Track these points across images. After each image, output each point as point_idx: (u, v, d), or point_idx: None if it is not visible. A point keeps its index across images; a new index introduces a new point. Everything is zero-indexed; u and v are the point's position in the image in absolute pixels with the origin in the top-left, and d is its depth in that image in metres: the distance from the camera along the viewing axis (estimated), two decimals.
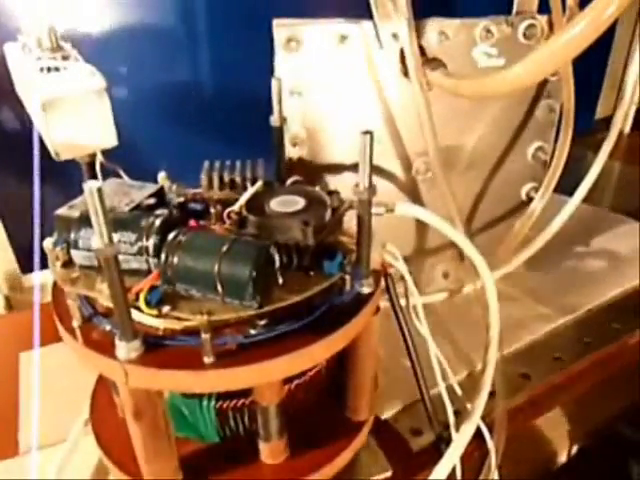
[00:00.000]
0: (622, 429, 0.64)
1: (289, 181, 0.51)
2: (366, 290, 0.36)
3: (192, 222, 0.38)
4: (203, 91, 0.63)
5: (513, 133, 0.55)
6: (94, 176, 0.43)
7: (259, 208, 0.35)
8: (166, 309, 0.31)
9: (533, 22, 0.50)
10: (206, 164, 0.48)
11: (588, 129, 1.03)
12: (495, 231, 0.59)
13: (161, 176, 0.50)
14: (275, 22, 0.45)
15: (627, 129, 1.10)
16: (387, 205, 0.45)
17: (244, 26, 0.54)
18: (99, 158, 0.42)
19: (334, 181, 0.52)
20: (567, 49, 0.35)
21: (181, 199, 0.39)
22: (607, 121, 0.57)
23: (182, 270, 0.30)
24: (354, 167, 0.51)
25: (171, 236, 0.31)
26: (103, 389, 0.44)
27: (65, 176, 0.48)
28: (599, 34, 0.33)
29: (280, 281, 0.32)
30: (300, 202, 0.35)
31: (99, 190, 0.26)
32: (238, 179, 0.46)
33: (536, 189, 0.58)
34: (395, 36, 0.47)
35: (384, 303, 0.40)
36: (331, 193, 0.36)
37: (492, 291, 0.47)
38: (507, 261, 0.59)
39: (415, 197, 0.55)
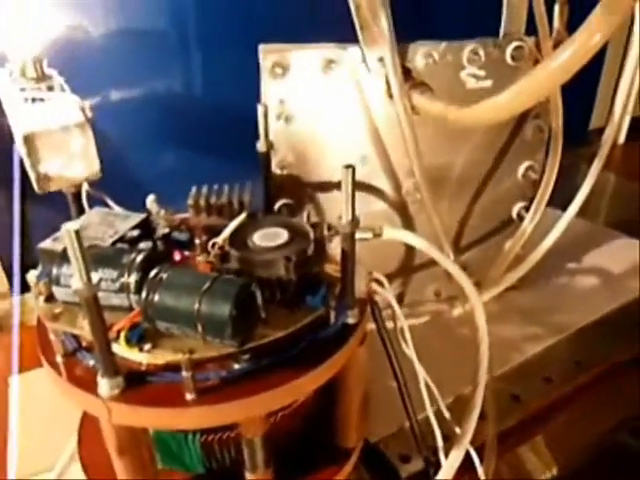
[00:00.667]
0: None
1: (278, 204, 0.51)
2: (352, 321, 0.36)
3: (177, 253, 0.38)
4: (195, 110, 0.63)
5: (503, 153, 0.55)
6: (80, 206, 0.43)
7: (242, 241, 0.35)
8: (147, 347, 0.31)
9: (521, 44, 0.50)
10: (193, 189, 0.48)
11: (582, 140, 1.02)
12: (487, 250, 0.59)
13: (150, 200, 0.50)
14: (261, 47, 0.45)
15: (621, 139, 1.10)
16: (374, 229, 0.45)
17: (235, 46, 0.54)
18: (85, 188, 0.42)
19: (323, 201, 0.52)
20: (554, 77, 0.35)
21: (165, 230, 0.39)
22: (602, 132, 0.57)
23: (162, 308, 0.30)
24: (338, 183, 0.52)
25: (152, 273, 0.31)
26: (91, 417, 0.44)
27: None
28: (586, 61, 0.33)
29: (263, 316, 0.32)
30: (283, 235, 0.35)
31: (77, 232, 0.26)
32: (226, 204, 0.46)
33: (527, 208, 0.57)
34: (382, 60, 0.47)
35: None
36: (314, 225, 0.36)
37: (481, 315, 0.46)
38: (498, 281, 0.59)
39: (406, 218, 0.55)
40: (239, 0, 0.60)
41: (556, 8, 0.50)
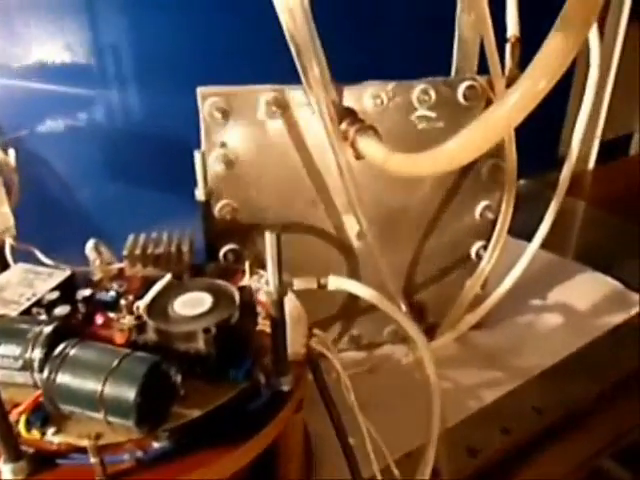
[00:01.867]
0: None
1: (223, 250, 0.49)
2: (285, 388, 0.34)
3: (99, 317, 0.35)
4: (139, 150, 0.60)
5: (459, 192, 0.53)
6: (4, 261, 0.40)
7: (163, 309, 0.32)
8: (51, 431, 0.29)
9: (473, 83, 0.48)
10: (130, 238, 0.46)
11: (551, 165, 1.01)
12: (445, 291, 0.57)
13: (89, 247, 0.48)
14: (199, 90, 0.43)
15: (591, 165, 1.09)
16: (319, 279, 0.43)
17: (175, 86, 0.52)
18: (9, 242, 0.40)
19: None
20: (499, 126, 0.34)
21: (87, 293, 0.36)
22: None
23: (65, 390, 0.27)
24: (287, 225, 0.50)
25: (58, 350, 0.28)
26: None
27: None
28: (534, 106, 0.32)
29: (182, 393, 0.30)
30: (207, 301, 0.32)
31: None
32: (163, 254, 0.44)
33: (485, 247, 0.56)
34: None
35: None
36: (242, 288, 0.34)
37: (431, 367, 0.44)
38: (457, 322, 0.57)
39: (357, 261, 0.53)
40: (181, 40, 0.58)
41: (508, 46, 0.49)
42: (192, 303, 0.32)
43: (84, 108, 0.58)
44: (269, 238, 0.30)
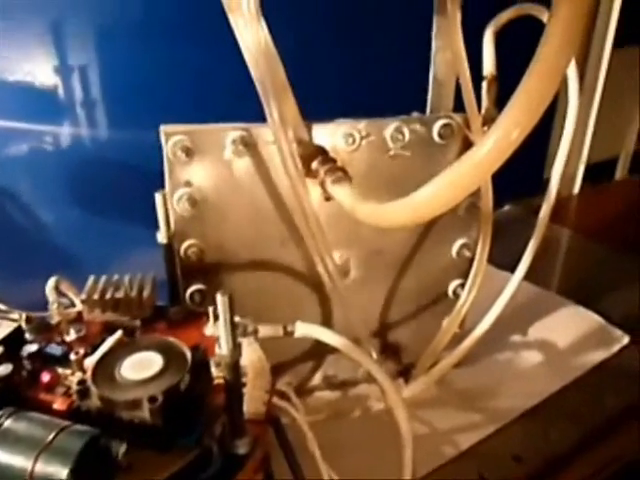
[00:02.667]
0: None
1: (189, 290, 0.47)
2: (242, 451, 0.32)
3: (45, 374, 0.33)
4: (106, 182, 0.59)
5: (436, 230, 0.52)
6: None
7: (109, 371, 0.30)
8: None
9: (448, 122, 0.47)
10: (90, 281, 0.44)
11: (536, 190, 1.00)
12: (422, 330, 0.56)
13: (49, 287, 0.46)
14: (163, 129, 0.42)
15: (576, 189, 1.09)
16: (285, 327, 0.41)
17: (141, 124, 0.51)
18: None
19: (240, 285, 0.48)
20: (475, 175, 0.32)
21: (33, 349, 0.34)
22: None
23: None
24: (256, 264, 0.48)
25: None
26: None
27: None
28: (509, 154, 0.30)
29: (126, 464, 0.28)
30: (157, 362, 0.31)
31: None
32: (123, 299, 0.43)
33: (462, 286, 0.54)
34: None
35: None
36: (196, 348, 0.32)
37: (403, 417, 0.43)
38: (436, 361, 0.55)
39: (328, 302, 0.51)
40: (146, 72, 0.57)
41: (484, 84, 0.48)
42: (141, 364, 0.30)
43: (45, 141, 0.56)
44: (221, 300, 0.28)
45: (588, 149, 1.08)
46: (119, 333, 0.34)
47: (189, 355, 0.31)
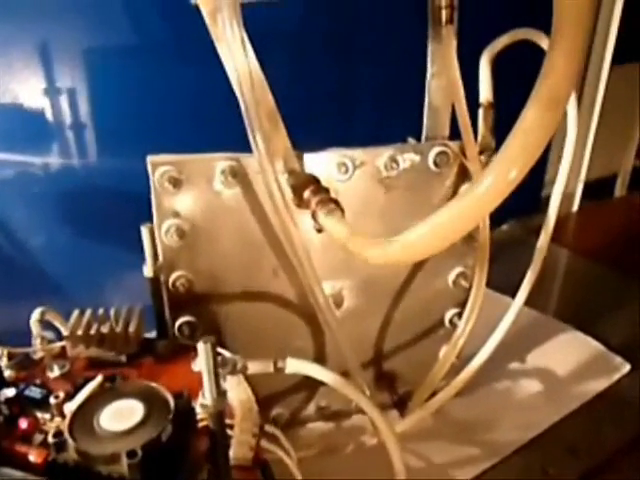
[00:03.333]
0: None
1: (178, 322, 0.46)
2: None
3: (23, 420, 0.32)
4: (93, 212, 0.57)
5: (432, 260, 0.50)
6: None
7: (88, 420, 0.29)
8: None
9: (444, 149, 0.46)
10: (74, 315, 0.43)
11: (535, 208, 0.99)
12: (418, 359, 0.54)
13: (34, 319, 0.45)
14: (149, 159, 0.41)
15: (575, 207, 1.08)
16: (276, 362, 0.40)
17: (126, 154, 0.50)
18: None
19: (231, 317, 0.47)
20: (471, 215, 0.31)
21: (11, 393, 0.33)
22: None
23: None
24: (248, 295, 0.47)
25: None
26: None
27: None
28: (506, 195, 0.29)
29: None
30: (138, 411, 0.29)
31: None
32: (108, 334, 0.41)
33: (459, 315, 0.53)
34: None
35: None
36: (179, 395, 0.30)
37: (397, 455, 0.41)
38: (432, 392, 0.54)
39: (321, 332, 0.50)
40: (135, 101, 0.56)
41: (480, 111, 0.47)
42: (121, 413, 0.29)
43: (33, 167, 0.55)
44: (202, 348, 0.27)
45: (587, 167, 1.07)
46: (99, 379, 0.33)
47: (172, 403, 0.30)
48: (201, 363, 0.27)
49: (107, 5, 0.53)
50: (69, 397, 0.33)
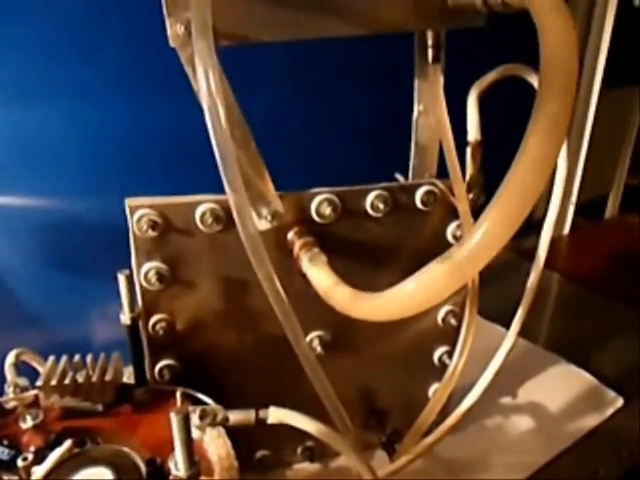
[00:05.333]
0: None
1: (159, 365, 0.45)
2: None
3: None
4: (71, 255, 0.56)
5: None
6: None
7: None
8: None
9: (431, 188, 0.45)
10: (49, 362, 0.41)
11: (525, 231, 0.98)
12: (407, 397, 0.53)
13: (8, 362, 0.44)
14: (128, 202, 0.39)
15: (566, 230, 1.07)
16: (257, 412, 0.39)
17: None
18: None
19: (212, 360, 0.46)
20: (447, 282, 0.30)
21: None
22: None
23: None
24: (229, 337, 0.46)
25: None
26: None
27: None
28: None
29: None
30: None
31: None
32: (83, 383, 0.40)
33: (449, 353, 0.52)
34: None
35: None
36: (152, 461, 0.29)
37: None
38: (423, 432, 0.52)
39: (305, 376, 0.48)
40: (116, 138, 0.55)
41: (468, 150, 0.46)
42: None
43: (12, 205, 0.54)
44: (175, 420, 0.25)
45: (577, 190, 1.06)
46: (68, 443, 0.31)
47: (143, 469, 0.28)
48: (174, 433, 0.26)
49: (97, 44, 0.53)
50: (38, 457, 0.32)
